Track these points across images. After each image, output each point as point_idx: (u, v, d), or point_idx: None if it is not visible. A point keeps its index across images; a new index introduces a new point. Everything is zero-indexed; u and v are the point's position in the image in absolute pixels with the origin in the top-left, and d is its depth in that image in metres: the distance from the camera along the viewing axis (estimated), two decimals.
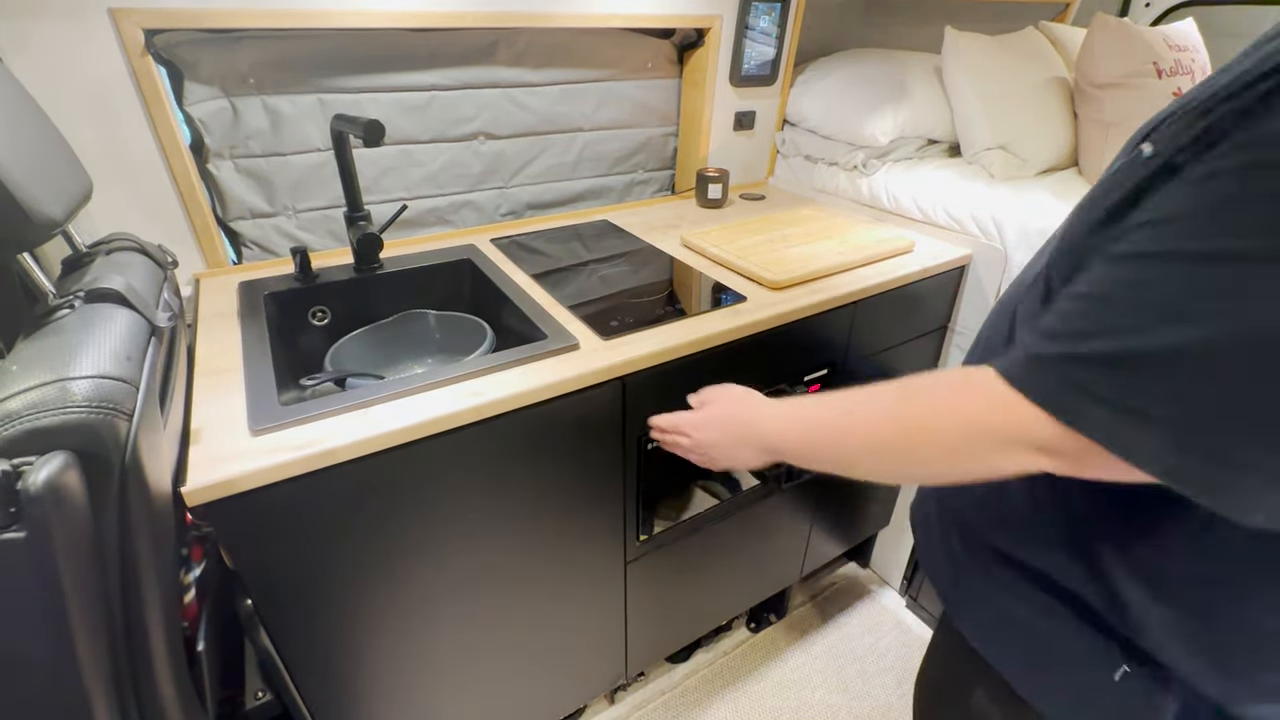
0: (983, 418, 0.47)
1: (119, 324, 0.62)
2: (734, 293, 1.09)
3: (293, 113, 1.13)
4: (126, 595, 0.56)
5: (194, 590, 0.76)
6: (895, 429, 0.53)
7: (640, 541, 1.14)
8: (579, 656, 1.22)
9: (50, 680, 0.52)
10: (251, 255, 1.21)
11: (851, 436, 0.56)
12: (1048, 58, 1.54)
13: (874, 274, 1.17)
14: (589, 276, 1.16)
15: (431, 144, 1.29)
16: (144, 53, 0.95)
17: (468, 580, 0.95)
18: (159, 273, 0.80)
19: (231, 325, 0.96)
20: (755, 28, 1.49)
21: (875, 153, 1.48)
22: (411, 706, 1.01)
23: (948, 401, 0.50)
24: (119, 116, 0.97)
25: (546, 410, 0.87)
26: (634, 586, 1.19)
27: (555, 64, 1.37)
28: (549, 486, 0.95)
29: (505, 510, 0.93)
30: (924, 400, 0.52)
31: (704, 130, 1.57)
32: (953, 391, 0.50)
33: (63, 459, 0.49)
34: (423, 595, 0.91)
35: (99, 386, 0.53)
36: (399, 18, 1.10)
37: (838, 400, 0.59)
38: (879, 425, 0.54)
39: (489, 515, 0.92)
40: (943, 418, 0.49)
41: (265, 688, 0.84)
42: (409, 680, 0.98)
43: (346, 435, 0.73)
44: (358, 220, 1.08)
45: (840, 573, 1.82)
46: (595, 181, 1.55)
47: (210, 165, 1.11)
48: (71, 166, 0.70)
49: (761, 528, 1.36)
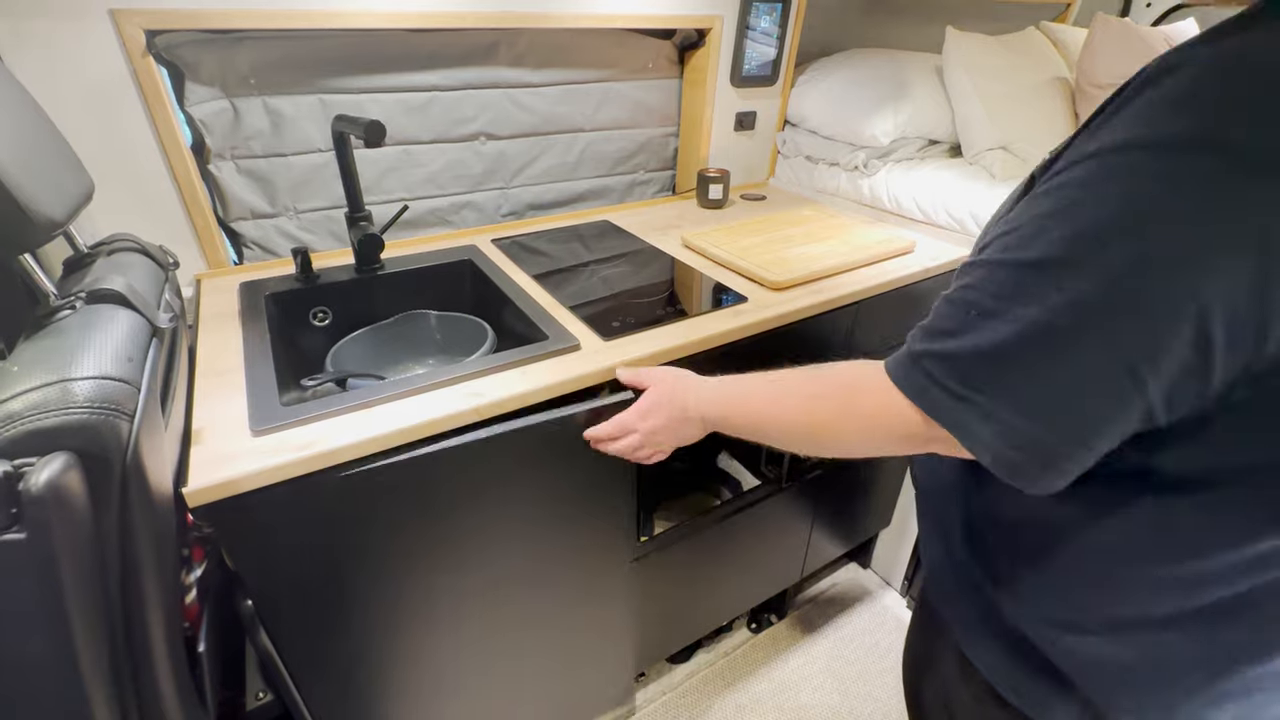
0: (873, 418, 0.54)
1: (120, 325, 0.62)
2: (735, 293, 1.09)
3: (294, 113, 1.13)
4: (127, 596, 0.56)
5: (195, 591, 0.76)
6: (805, 424, 0.61)
7: (641, 542, 1.13)
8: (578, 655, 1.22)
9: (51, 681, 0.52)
10: (252, 256, 1.21)
11: (772, 423, 0.65)
12: (1049, 58, 1.54)
13: (875, 274, 1.17)
14: (590, 277, 1.16)
15: (432, 144, 1.29)
16: (145, 53, 0.95)
17: (468, 580, 0.95)
18: (160, 273, 0.80)
19: (233, 326, 0.96)
20: (756, 28, 1.49)
21: (876, 153, 1.48)
22: (412, 708, 1.01)
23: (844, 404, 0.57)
24: (120, 117, 0.97)
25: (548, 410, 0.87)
26: (635, 587, 1.19)
27: (556, 64, 1.37)
28: (550, 487, 0.95)
29: (506, 510, 0.93)
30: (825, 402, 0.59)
31: (705, 131, 1.57)
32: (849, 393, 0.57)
33: (64, 460, 0.49)
34: (423, 595, 0.91)
35: (100, 387, 0.53)
36: (400, 18, 1.10)
37: (763, 385, 0.68)
38: (793, 418, 0.62)
39: (490, 515, 0.92)
40: (842, 420, 0.57)
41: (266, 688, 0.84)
42: (410, 681, 0.98)
43: (348, 436, 0.73)
44: (359, 221, 1.08)
45: (841, 573, 1.82)
46: (596, 182, 1.55)
47: (211, 166, 1.11)
48: (72, 167, 0.70)
49: (762, 528, 1.36)
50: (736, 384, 0.71)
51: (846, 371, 0.59)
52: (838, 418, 0.58)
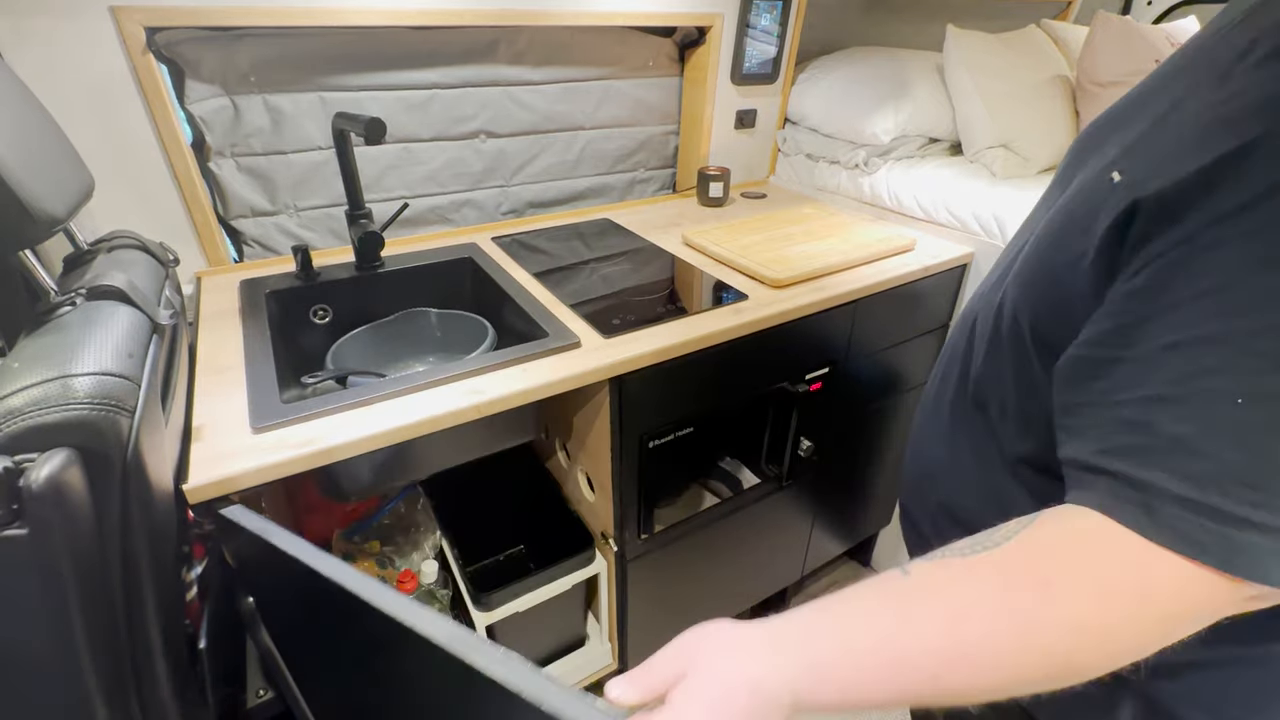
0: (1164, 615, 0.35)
1: (121, 321, 0.62)
2: (735, 291, 1.09)
3: (294, 111, 1.13)
4: (128, 592, 0.56)
5: (195, 588, 0.76)
6: (1037, 646, 0.35)
7: (641, 540, 1.13)
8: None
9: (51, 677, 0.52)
10: (253, 253, 1.21)
11: (959, 669, 0.35)
12: (1049, 56, 1.54)
13: (875, 272, 1.17)
14: (590, 275, 1.16)
15: (433, 142, 1.29)
16: (145, 50, 0.95)
17: None
18: (160, 270, 0.80)
19: (233, 323, 0.96)
20: (756, 26, 1.49)
21: (877, 151, 1.48)
22: None
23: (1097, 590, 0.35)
24: (120, 114, 0.97)
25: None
26: (634, 585, 1.19)
27: (556, 62, 1.36)
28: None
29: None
30: (1065, 600, 0.35)
31: (705, 129, 1.57)
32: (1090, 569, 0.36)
33: (64, 456, 0.49)
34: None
35: (101, 383, 0.53)
36: (400, 16, 1.10)
37: (911, 614, 0.37)
38: (1007, 645, 0.35)
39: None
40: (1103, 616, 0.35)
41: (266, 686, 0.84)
42: None
43: (347, 433, 0.73)
44: (359, 218, 1.08)
45: (841, 571, 1.82)
46: (596, 180, 1.55)
47: (211, 163, 1.11)
48: (73, 164, 0.70)
49: (763, 527, 1.36)
50: (848, 633, 0.37)
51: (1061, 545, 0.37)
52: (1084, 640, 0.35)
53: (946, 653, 0.35)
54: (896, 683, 0.35)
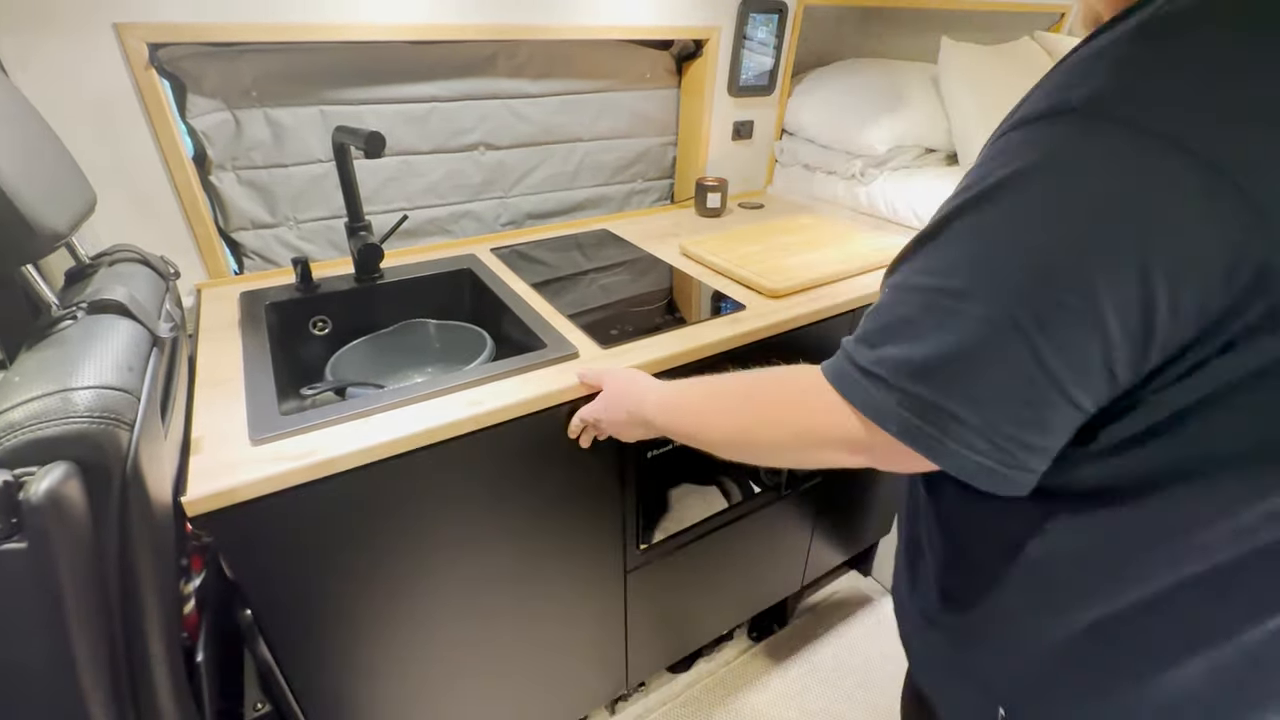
0: (809, 426, 0.52)
1: (121, 335, 0.62)
2: (733, 301, 1.10)
3: (294, 124, 1.14)
4: (126, 605, 0.56)
5: (194, 600, 0.76)
6: (739, 427, 0.60)
7: (640, 550, 1.13)
8: (579, 666, 1.22)
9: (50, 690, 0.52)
10: (253, 265, 1.22)
11: (707, 428, 0.63)
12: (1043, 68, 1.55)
13: (873, 282, 1.18)
14: (589, 286, 1.16)
15: (432, 154, 1.30)
16: (148, 66, 0.96)
17: (468, 590, 0.95)
18: (161, 284, 0.81)
19: (233, 335, 0.96)
20: (753, 38, 1.50)
21: (873, 161, 1.49)
22: (412, 718, 1.01)
23: (780, 409, 0.55)
24: (122, 129, 0.98)
25: (546, 418, 0.87)
26: (634, 596, 1.19)
27: (555, 75, 1.38)
28: (549, 495, 0.95)
29: (506, 520, 0.93)
30: (762, 405, 0.58)
31: (703, 140, 1.58)
32: (786, 396, 0.55)
33: (64, 469, 0.49)
34: (423, 606, 0.91)
35: (101, 397, 0.53)
36: (399, 31, 1.11)
37: (702, 389, 0.66)
38: (727, 421, 0.61)
39: (489, 524, 0.92)
40: (776, 427, 0.55)
41: (264, 699, 0.83)
42: (409, 692, 0.98)
43: (347, 444, 0.73)
44: (359, 230, 1.09)
45: (841, 581, 1.81)
46: (595, 191, 1.56)
47: (212, 177, 1.12)
48: (75, 178, 0.71)
49: (762, 537, 1.35)
50: (679, 388, 0.69)
51: (785, 377, 0.57)
52: (770, 425, 0.56)
53: (698, 399, 0.66)
54: (684, 421, 0.66)
